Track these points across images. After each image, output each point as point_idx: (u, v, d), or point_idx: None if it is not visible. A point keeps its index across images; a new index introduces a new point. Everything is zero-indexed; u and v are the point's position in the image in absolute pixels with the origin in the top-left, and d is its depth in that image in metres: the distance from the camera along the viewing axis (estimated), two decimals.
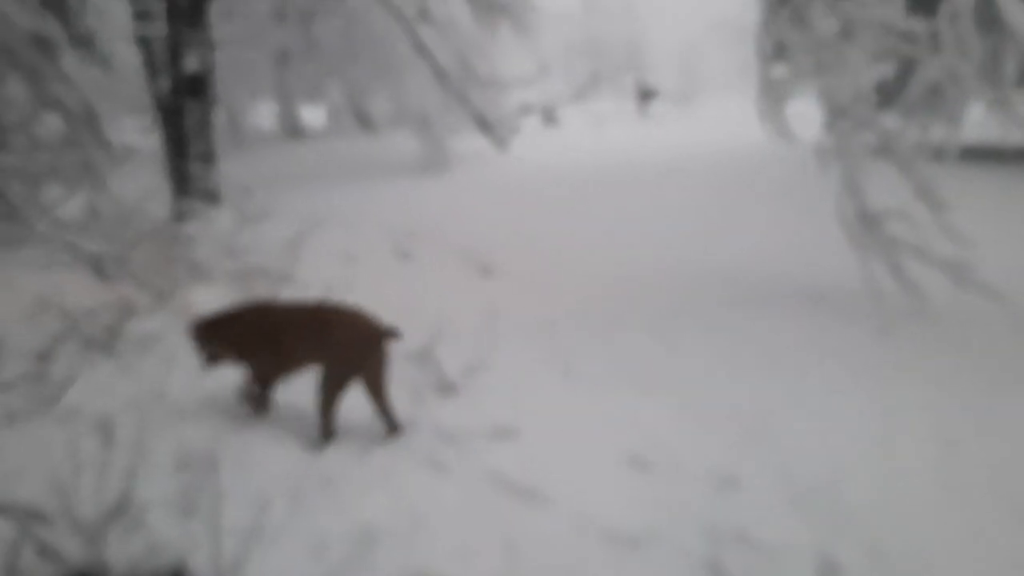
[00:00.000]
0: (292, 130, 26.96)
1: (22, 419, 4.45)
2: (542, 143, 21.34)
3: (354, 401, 4.67)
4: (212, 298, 6.60)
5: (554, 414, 4.64)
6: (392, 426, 4.35)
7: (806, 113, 9.53)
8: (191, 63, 10.55)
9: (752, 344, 5.81)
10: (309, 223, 7.56)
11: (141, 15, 14.34)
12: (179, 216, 9.63)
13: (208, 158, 10.69)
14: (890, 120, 6.75)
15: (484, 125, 6.16)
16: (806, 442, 4.22)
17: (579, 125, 27.88)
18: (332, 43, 20.88)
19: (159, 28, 11.20)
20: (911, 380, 4.99)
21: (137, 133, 13.93)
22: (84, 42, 11.57)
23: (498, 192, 13.77)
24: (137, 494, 3.08)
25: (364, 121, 25.59)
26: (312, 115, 30.11)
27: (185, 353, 5.11)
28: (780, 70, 6.96)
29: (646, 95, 30.02)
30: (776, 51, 6.92)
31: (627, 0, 46.85)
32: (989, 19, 6.64)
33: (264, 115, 29.12)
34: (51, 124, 10.74)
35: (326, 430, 4.21)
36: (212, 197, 10.47)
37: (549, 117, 27.96)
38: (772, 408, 4.65)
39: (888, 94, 8.42)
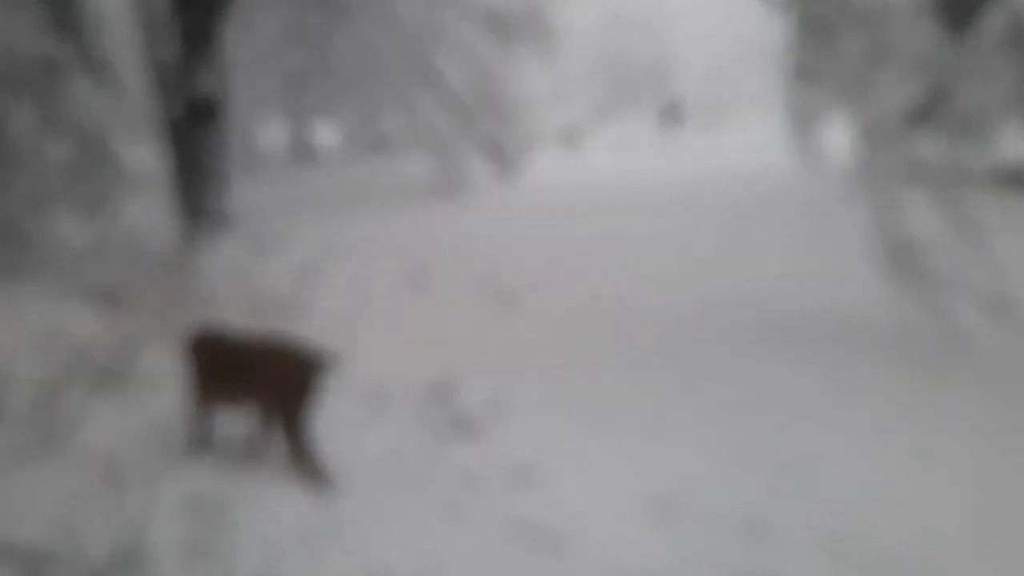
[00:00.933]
0: (304, 153, 27.18)
1: (28, 456, 4.47)
2: (563, 166, 21.40)
3: (366, 443, 4.69)
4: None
5: (576, 455, 4.62)
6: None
7: (833, 137, 9.53)
8: (203, 86, 10.69)
9: (781, 381, 5.77)
10: (322, 251, 7.61)
11: (153, 37, 14.51)
12: (190, 243, 9.72)
13: (219, 183, 10.81)
14: (922, 144, 6.74)
15: (492, 152, 6.20)
16: (839, 486, 4.19)
17: (601, 146, 27.95)
18: (345, 64, 21.08)
19: (171, 50, 11.36)
20: (949, 420, 4.94)
21: (147, 157, 14.08)
22: (98, 66, 11.71)
23: (516, 217, 13.79)
24: (146, 536, 3.08)
25: (378, 143, 25.78)
26: (325, 136, 30.37)
27: None
28: (808, 95, 6.97)
29: (670, 112, 30.09)
30: (804, 75, 6.93)
31: (649, 17, 47.10)
32: (1022, 42, 6.65)
33: (275, 138, 29.39)
34: (61, 149, 10.88)
35: (312, 475, 4.13)
36: (223, 224, 10.57)
37: (570, 139, 28.03)
38: (803, 450, 4.61)
39: (918, 117, 8.41)
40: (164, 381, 5.67)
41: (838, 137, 8.27)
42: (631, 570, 3.46)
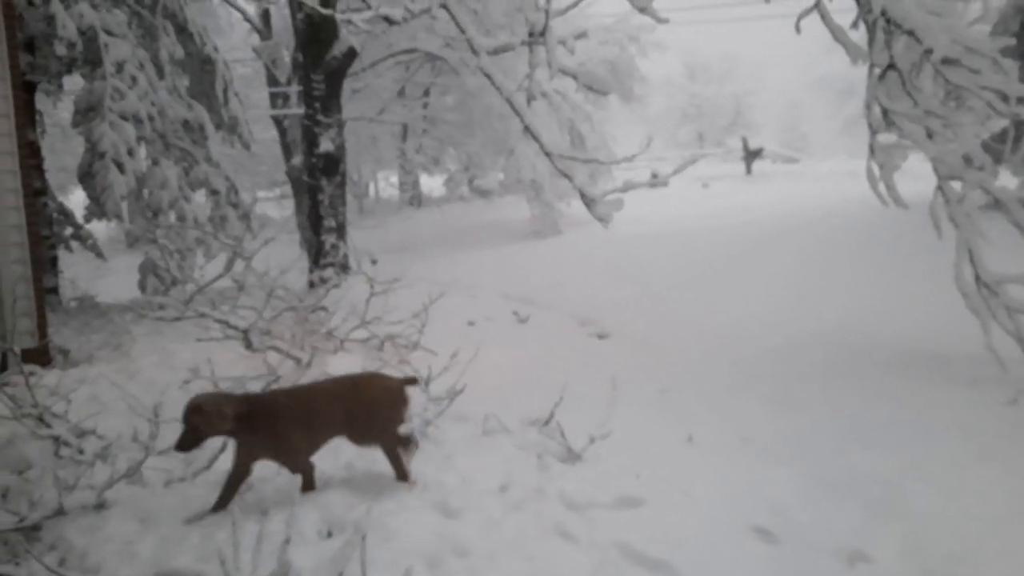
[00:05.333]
0: (413, 199, 27.78)
1: (177, 485, 4.65)
2: (649, 205, 21.25)
3: (482, 472, 4.71)
4: (347, 365, 6.82)
5: (677, 482, 4.57)
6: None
7: (916, 169, 9.21)
8: (325, 143, 11.07)
9: (874, 411, 5.62)
10: (433, 291, 7.75)
11: (278, 99, 15.00)
12: (315, 286, 10.03)
13: (340, 231, 11.15)
14: (1005, 178, 6.50)
15: (589, 201, 6.27)
16: (936, 515, 4.04)
17: (685, 185, 27.67)
18: (449, 118, 21.56)
19: (295, 110, 11.81)
20: None
21: (276, 208, 14.60)
22: (229, 126, 12.29)
23: (607, 255, 13.77)
24: (289, 562, 3.17)
25: (479, 190, 26.20)
26: (431, 184, 30.99)
27: None
28: (889, 137, 6.81)
29: (752, 155, 29.64)
30: (885, 117, 6.77)
31: (730, 64, 46.76)
32: None
33: (388, 186, 30.11)
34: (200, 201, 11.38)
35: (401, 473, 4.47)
36: (344, 267, 10.89)
37: (656, 180, 27.82)
38: (898, 479, 4.47)
39: (999, 151, 8.11)
40: None
41: (918, 167, 8.02)
42: None
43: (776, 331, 8.16)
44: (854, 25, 6.65)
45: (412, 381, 4.70)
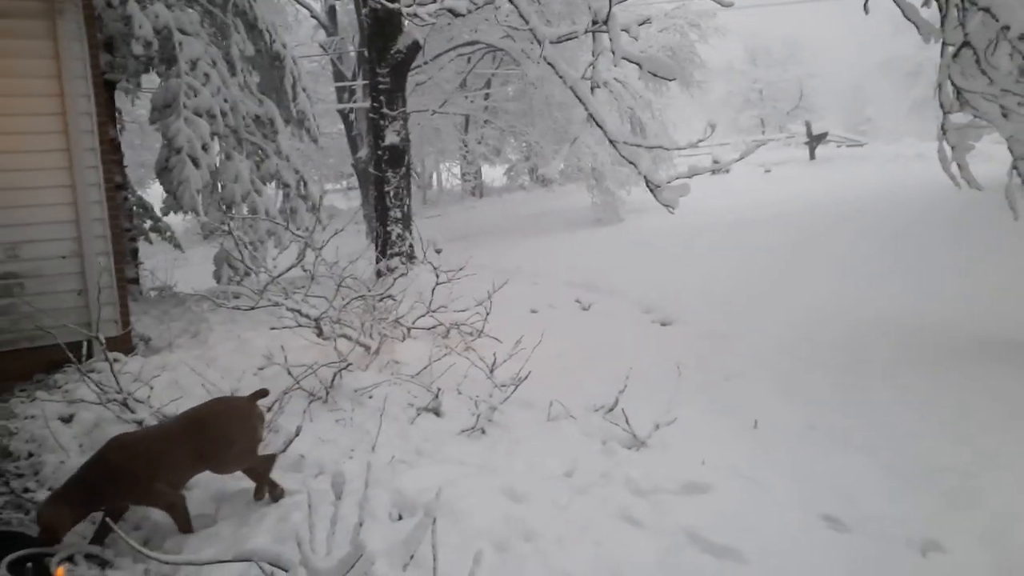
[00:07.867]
0: (475, 189, 27.87)
1: None
2: (711, 191, 20.95)
3: (548, 458, 4.70)
4: (414, 352, 6.87)
5: (744, 469, 4.50)
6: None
7: (987, 151, 8.86)
8: (391, 136, 11.13)
9: (945, 399, 5.44)
10: (497, 279, 7.74)
11: (344, 93, 15.10)
12: (382, 275, 10.12)
13: (406, 221, 11.23)
14: None
15: (654, 187, 6.16)
16: (1014, 505, 3.90)
17: (747, 172, 27.20)
18: (510, 108, 21.53)
19: (360, 104, 11.88)
20: None
21: (343, 199, 14.75)
22: (298, 121, 12.45)
23: (669, 242, 13.59)
24: (363, 544, 3.19)
25: (540, 179, 26.14)
26: (492, 174, 31.04)
27: (394, 406, 5.36)
28: (962, 117, 6.56)
29: (816, 139, 28.92)
30: (958, 97, 6.53)
31: (792, 47, 45.69)
32: None
33: (450, 176, 30.24)
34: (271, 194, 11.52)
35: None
36: (409, 256, 10.97)
37: (718, 166, 27.35)
38: (973, 468, 4.33)
39: None
40: (364, 400, 5.90)
41: (990, 149, 7.71)
42: None
43: (842, 317, 7.97)
44: (925, 3, 6.43)
45: (261, 395, 4.35)
